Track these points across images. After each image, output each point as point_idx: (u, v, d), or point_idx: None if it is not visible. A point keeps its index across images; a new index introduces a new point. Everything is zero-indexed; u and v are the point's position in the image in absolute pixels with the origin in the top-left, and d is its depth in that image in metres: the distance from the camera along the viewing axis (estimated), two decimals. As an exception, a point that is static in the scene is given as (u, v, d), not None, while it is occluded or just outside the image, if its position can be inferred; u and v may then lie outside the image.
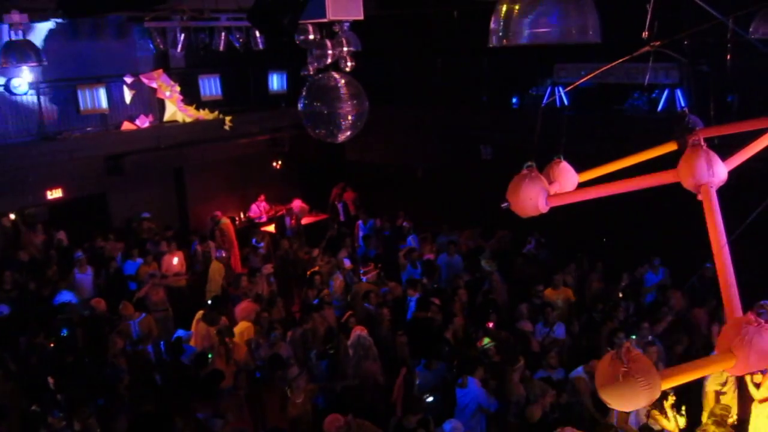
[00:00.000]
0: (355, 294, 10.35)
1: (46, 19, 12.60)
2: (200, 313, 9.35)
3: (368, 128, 7.02)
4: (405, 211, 14.49)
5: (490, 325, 8.83)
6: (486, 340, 7.94)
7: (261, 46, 13.51)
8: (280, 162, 17.22)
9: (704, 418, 6.53)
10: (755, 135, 3.68)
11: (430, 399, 7.25)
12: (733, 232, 3.39)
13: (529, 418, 6.96)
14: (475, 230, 13.41)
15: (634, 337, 7.89)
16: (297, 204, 16.04)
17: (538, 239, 12.20)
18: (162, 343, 9.20)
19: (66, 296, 10.11)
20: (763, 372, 6.14)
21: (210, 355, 8.24)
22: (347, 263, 11.55)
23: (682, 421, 6.26)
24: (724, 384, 6.60)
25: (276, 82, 17.37)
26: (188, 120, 14.84)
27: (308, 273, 11.23)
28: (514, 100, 14.86)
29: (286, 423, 7.34)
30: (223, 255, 12.23)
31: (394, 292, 10.55)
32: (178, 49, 13.59)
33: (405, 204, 14.91)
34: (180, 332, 9.30)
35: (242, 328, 9.15)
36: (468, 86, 15.35)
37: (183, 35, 13.23)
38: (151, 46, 13.76)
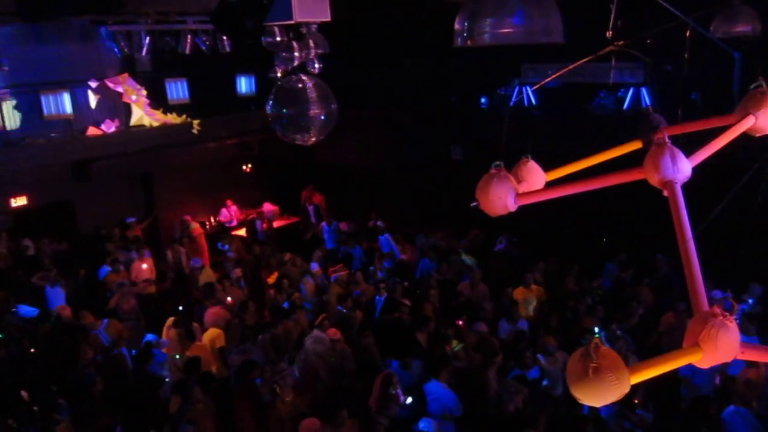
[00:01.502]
0: (329, 297, 10.30)
1: (5, 24, 12.34)
2: (171, 319, 9.24)
3: (338, 130, 7.00)
4: (377, 212, 14.50)
5: (460, 323, 8.86)
6: (455, 343, 7.78)
7: (228, 49, 13.42)
8: (249, 165, 17.11)
9: None
10: (718, 132, 3.75)
11: (409, 400, 7.23)
12: (702, 227, 3.46)
13: (502, 416, 6.99)
14: (447, 230, 13.47)
15: (596, 333, 8.00)
16: (267, 207, 15.95)
17: (509, 238, 12.31)
18: (135, 351, 9.05)
19: (24, 310, 9.90)
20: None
21: (178, 356, 8.15)
22: (314, 267, 11.50)
23: None
24: None
25: (244, 84, 17.28)
26: (155, 124, 14.67)
27: (273, 277, 11.13)
28: (482, 101, 14.97)
29: (273, 423, 7.23)
30: (200, 264, 12.04)
31: (367, 293, 10.52)
32: (144, 53, 13.43)
33: (376, 205, 14.92)
34: (149, 336, 9.16)
35: (213, 335, 8.93)
36: (437, 87, 15.42)
37: (148, 39, 13.09)
38: (116, 50, 13.57)
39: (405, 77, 15.84)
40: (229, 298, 10.12)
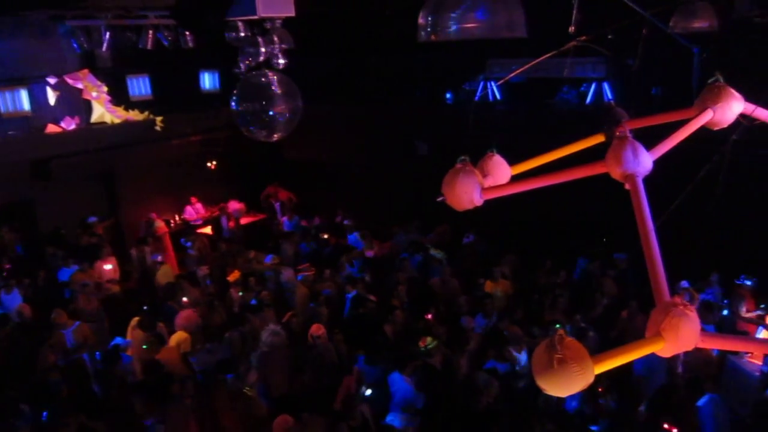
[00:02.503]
0: (300, 295, 10.24)
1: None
2: (135, 320, 9.09)
3: (304, 126, 6.96)
4: (343, 208, 14.48)
5: (429, 317, 8.91)
6: (429, 340, 7.73)
7: (191, 45, 13.24)
8: (215, 162, 16.92)
9: None
10: (678, 125, 3.83)
11: (369, 392, 7.26)
12: (662, 219, 3.53)
13: (474, 408, 7.05)
14: (413, 225, 13.50)
15: (558, 326, 8.11)
16: (233, 205, 15.77)
17: (477, 233, 12.42)
18: (98, 353, 8.89)
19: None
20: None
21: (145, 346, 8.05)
22: (268, 259, 11.46)
23: None
24: None
25: (208, 80, 17.09)
26: (117, 121, 14.41)
27: (234, 275, 11.04)
28: (448, 96, 15.03)
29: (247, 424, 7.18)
30: (159, 259, 11.91)
31: (334, 290, 10.51)
32: (104, 49, 13.18)
33: (343, 201, 14.89)
34: (118, 340, 9.01)
35: (179, 338, 8.76)
36: (402, 82, 15.45)
37: (109, 34, 12.83)
38: (76, 45, 13.28)
39: (370, 73, 15.83)
40: (185, 299, 9.99)
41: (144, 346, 8.08)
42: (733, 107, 3.93)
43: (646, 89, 12.26)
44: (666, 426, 6.52)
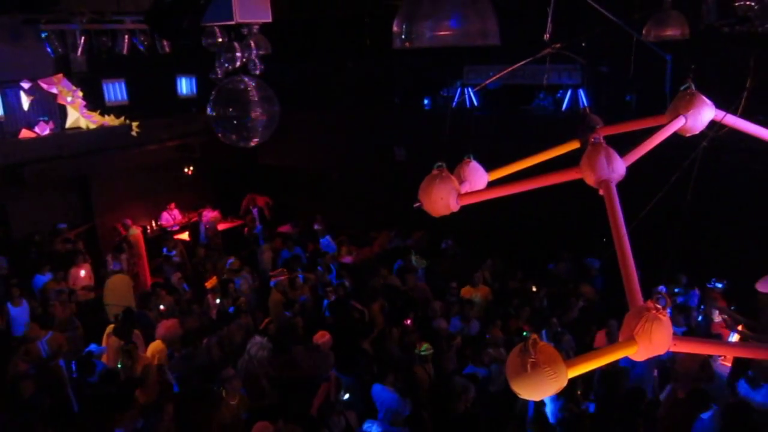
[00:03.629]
0: (272, 300, 10.18)
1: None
2: (111, 327, 8.98)
3: (281, 132, 6.94)
4: (321, 214, 14.47)
5: (408, 322, 8.92)
6: (425, 347, 7.70)
7: (167, 50, 13.14)
8: (191, 168, 16.80)
9: None
10: (652, 132, 3.89)
11: (346, 397, 7.25)
12: (636, 225, 3.59)
13: (451, 413, 7.06)
14: (392, 231, 13.52)
15: (525, 333, 8.16)
16: (207, 215, 15.62)
17: (455, 238, 12.47)
18: (74, 363, 8.74)
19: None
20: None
21: (120, 365, 7.93)
22: (229, 263, 11.43)
23: None
24: None
25: (185, 86, 16.99)
26: (92, 126, 14.24)
27: (211, 282, 10.96)
28: (425, 102, 15.09)
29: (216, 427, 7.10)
30: (121, 267, 11.68)
31: (309, 296, 10.47)
32: (79, 53, 13.03)
33: (321, 207, 14.87)
34: (92, 347, 8.89)
35: (155, 349, 8.60)
36: (380, 88, 15.49)
37: (83, 38, 12.69)
38: (50, 49, 13.12)
39: (348, 79, 15.85)
40: (162, 306, 9.88)
41: (119, 365, 7.94)
42: (704, 114, 4.00)
43: (621, 96, 12.42)
44: None
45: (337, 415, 6.89)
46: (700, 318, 9.17)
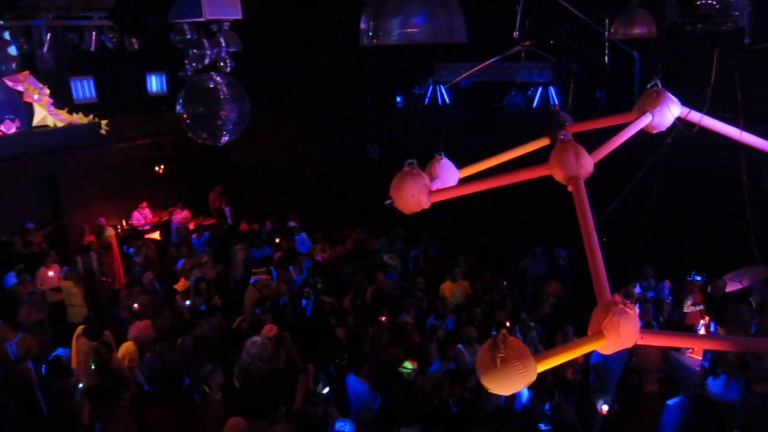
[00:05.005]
0: (248, 298, 10.13)
1: None
2: (80, 328, 8.84)
3: (253, 130, 6.90)
4: (295, 211, 14.41)
5: (383, 319, 8.94)
6: (408, 365, 7.45)
7: (136, 47, 12.94)
8: (162, 166, 16.61)
9: None
10: (620, 128, 3.95)
11: (326, 390, 7.26)
12: (604, 221, 3.65)
13: (424, 408, 7.10)
14: (365, 228, 13.52)
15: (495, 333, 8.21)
16: (177, 216, 15.44)
17: (429, 235, 12.53)
18: (43, 366, 8.60)
19: None
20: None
21: (93, 365, 7.83)
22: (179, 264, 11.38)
23: None
24: None
25: (155, 83, 16.77)
26: (60, 124, 13.98)
27: (180, 284, 10.88)
28: (398, 99, 15.11)
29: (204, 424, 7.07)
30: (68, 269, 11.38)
31: (281, 293, 10.43)
32: (45, 50, 12.77)
33: (294, 205, 14.82)
34: (59, 351, 8.74)
35: (126, 350, 8.48)
36: (353, 85, 15.47)
37: (50, 35, 12.44)
38: (15, 46, 12.84)
39: (321, 76, 15.80)
40: (135, 305, 9.77)
41: (92, 365, 7.83)
42: (670, 111, 4.07)
43: (591, 93, 12.57)
44: None
45: (314, 406, 6.90)
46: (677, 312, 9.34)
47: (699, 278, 9.51)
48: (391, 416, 7.21)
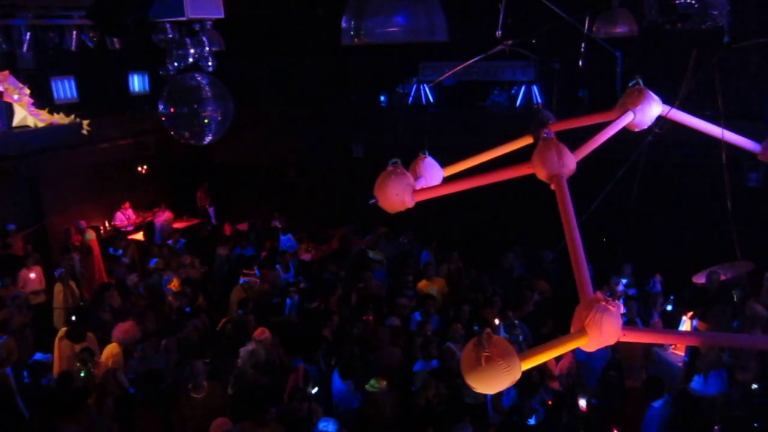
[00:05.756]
0: (234, 299, 10.08)
1: None
2: (63, 330, 8.73)
3: (237, 129, 6.87)
4: (279, 211, 14.37)
5: (369, 318, 8.95)
6: (374, 383, 7.21)
7: (117, 46, 12.84)
8: (145, 167, 16.49)
9: None
10: (603, 127, 3.98)
11: (315, 390, 7.25)
12: (584, 217, 3.67)
13: (414, 406, 7.11)
14: (349, 227, 13.51)
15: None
16: (160, 219, 15.32)
17: (412, 234, 12.54)
18: (25, 371, 8.49)
19: None
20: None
21: (83, 373, 7.76)
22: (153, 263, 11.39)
23: None
24: None
25: (137, 83, 16.66)
26: (41, 125, 13.83)
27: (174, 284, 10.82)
28: (382, 98, 15.10)
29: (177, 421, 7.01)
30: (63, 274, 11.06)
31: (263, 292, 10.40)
32: (25, 49, 12.63)
33: (279, 205, 14.77)
34: (38, 356, 8.62)
35: (110, 352, 8.33)
36: (337, 85, 15.44)
37: (29, 34, 12.30)
38: (-6, 45, 12.68)
39: (305, 75, 15.76)
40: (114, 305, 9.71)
41: (82, 374, 7.74)
42: (651, 109, 4.10)
43: (574, 92, 12.64)
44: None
45: (299, 402, 6.89)
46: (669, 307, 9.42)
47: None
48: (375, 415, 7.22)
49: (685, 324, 8.92)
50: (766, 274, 8.94)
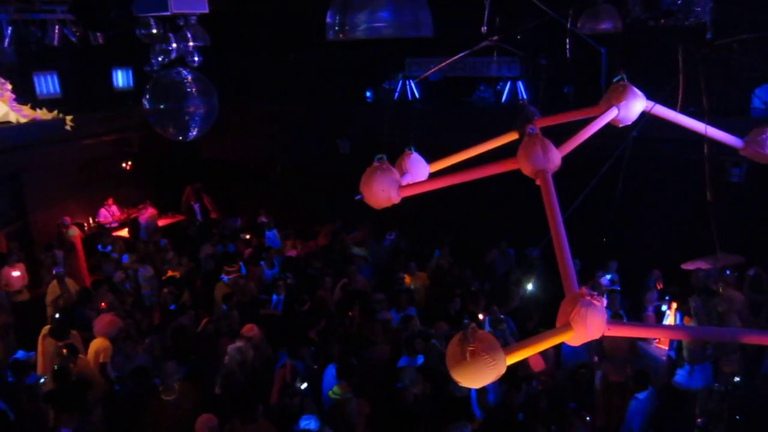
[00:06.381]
0: (218, 296, 10.04)
1: None
2: (46, 328, 8.66)
3: (223, 125, 6.82)
4: (266, 207, 14.33)
5: (352, 314, 8.95)
6: (337, 390, 7.02)
7: (101, 41, 12.71)
8: (130, 163, 16.38)
9: None
10: (587, 123, 4.00)
11: (304, 386, 7.24)
12: (569, 213, 3.68)
13: (402, 403, 7.11)
14: (336, 223, 13.50)
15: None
16: (145, 215, 15.22)
17: (399, 230, 12.55)
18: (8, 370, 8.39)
19: None
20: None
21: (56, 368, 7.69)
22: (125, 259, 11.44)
23: None
24: None
25: (121, 78, 16.54)
26: (23, 121, 13.67)
27: (163, 278, 10.81)
28: (368, 94, 15.09)
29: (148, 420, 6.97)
30: (62, 272, 10.82)
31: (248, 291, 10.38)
32: (6, 44, 12.47)
33: (266, 201, 14.73)
34: (20, 354, 8.54)
35: (98, 346, 8.26)
36: (323, 80, 15.40)
37: (11, 29, 12.15)
38: (-26, 40, 12.52)
39: (291, 71, 15.70)
40: (103, 303, 9.63)
41: (55, 367, 7.68)
42: (636, 105, 4.12)
43: (559, 88, 12.69)
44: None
45: (290, 397, 6.88)
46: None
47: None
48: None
49: (670, 318, 9.01)
50: (749, 270, 9.04)
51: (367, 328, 8.59)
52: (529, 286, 9.07)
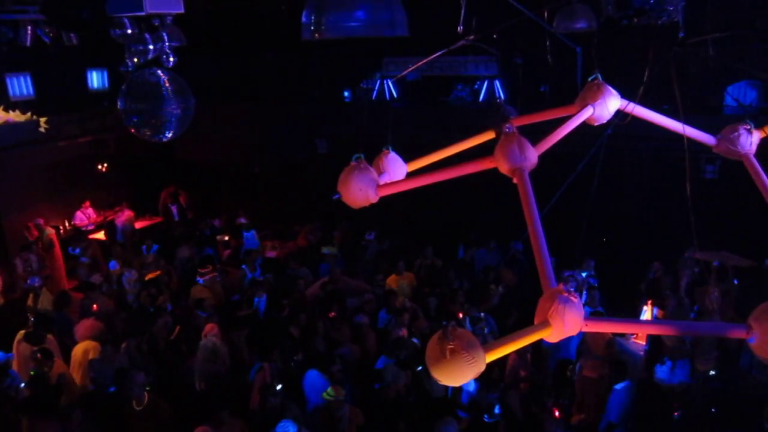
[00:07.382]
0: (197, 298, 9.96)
1: None
2: (21, 332, 8.53)
3: (200, 126, 6.76)
4: (244, 208, 14.25)
5: (332, 315, 8.94)
6: (330, 392, 6.96)
7: (75, 42, 12.54)
8: (105, 165, 16.19)
9: None
10: (564, 121, 4.03)
11: (279, 387, 7.23)
12: (546, 210, 3.72)
13: (383, 400, 7.12)
14: (315, 224, 13.46)
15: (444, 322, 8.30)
16: (121, 218, 15.05)
17: (378, 230, 12.56)
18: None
19: None
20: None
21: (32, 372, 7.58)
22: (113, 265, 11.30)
23: None
24: None
25: (96, 79, 16.33)
26: (-4, 123, 13.49)
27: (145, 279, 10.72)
28: (346, 94, 15.08)
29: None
30: (36, 285, 10.47)
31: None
32: (-24, 46, 12.27)
33: (244, 202, 14.66)
34: (0, 355, 8.43)
35: (87, 347, 8.25)
36: (301, 80, 15.36)
37: (-18, 30, 11.95)
38: (-55, 41, 12.30)
39: (268, 71, 15.63)
40: (95, 306, 9.52)
41: (31, 372, 7.57)
42: (610, 103, 4.17)
43: (536, 87, 12.78)
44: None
45: (273, 397, 6.87)
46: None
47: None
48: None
49: (646, 313, 9.11)
50: (713, 263, 9.08)
51: (334, 329, 8.58)
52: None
